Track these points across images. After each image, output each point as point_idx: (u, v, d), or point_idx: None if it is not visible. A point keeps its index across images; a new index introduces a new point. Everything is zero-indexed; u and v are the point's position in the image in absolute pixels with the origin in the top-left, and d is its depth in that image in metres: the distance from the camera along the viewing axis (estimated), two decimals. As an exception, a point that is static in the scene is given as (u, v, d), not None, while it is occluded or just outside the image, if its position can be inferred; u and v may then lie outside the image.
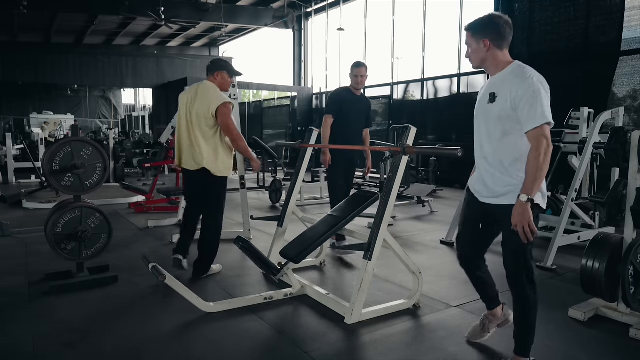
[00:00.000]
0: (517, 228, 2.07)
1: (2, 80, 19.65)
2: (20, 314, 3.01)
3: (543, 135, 2.03)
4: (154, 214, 6.51)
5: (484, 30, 2.21)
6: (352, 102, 4.66)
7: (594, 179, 5.36)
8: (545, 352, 2.56)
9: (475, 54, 2.26)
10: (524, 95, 2.07)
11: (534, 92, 2.06)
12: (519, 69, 2.18)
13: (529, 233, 2.04)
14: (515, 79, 2.13)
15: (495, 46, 2.20)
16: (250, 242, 3.93)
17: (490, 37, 2.19)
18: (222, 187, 3.77)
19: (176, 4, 14.80)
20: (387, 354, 2.47)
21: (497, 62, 2.23)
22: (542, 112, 2.04)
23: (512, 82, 2.14)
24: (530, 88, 2.07)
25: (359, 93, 4.79)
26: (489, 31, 2.20)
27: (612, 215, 3.13)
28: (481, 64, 2.28)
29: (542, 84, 2.09)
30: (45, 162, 3.38)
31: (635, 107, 7.21)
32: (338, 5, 14.84)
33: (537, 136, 2.04)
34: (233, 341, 2.68)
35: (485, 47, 2.21)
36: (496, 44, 2.20)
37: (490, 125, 2.24)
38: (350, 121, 4.64)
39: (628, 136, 3.06)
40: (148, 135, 14.56)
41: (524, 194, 2.04)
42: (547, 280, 3.83)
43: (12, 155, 10.40)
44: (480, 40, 2.21)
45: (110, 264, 3.83)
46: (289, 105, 16.74)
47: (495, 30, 2.19)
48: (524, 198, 2.03)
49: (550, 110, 2.08)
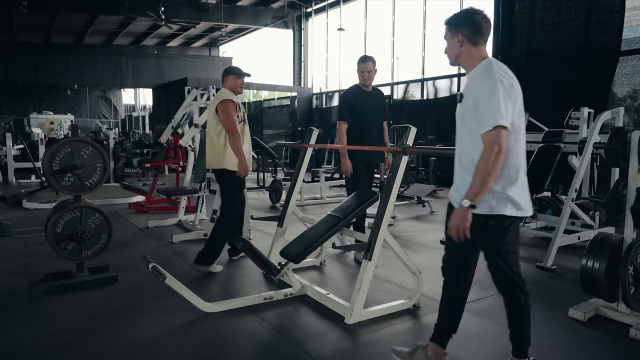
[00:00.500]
0: (451, 231, 2.02)
1: (2, 80, 19.65)
2: (20, 314, 3.01)
3: (495, 139, 1.91)
4: (154, 214, 6.52)
5: (459, 24, 2.11)
6: (365, 100, 4.41)
7: (594, 179, 5.36)
8: (545, 352, 2.56)
9: (450, 49, 2.17)
10: (482, 95, 1.98)
11: (490, 92, 1.94)
12: (487, 66, 2.06)
13: (462, 237, 2.00)
14: (480, 78, 2.05)
15: (469, 42, 2.09)
16: (250, 242, 3.94)
17: (464, 32, 2.09)
18: (230, 182, 3.92)
19: (176, 4, 14.81)
20: (387, 354, 2.47)
21: (471, 59, 2.12)
22: (493, 114, 1.91)
23: (477, 80, 2.06)
24: (489, 87, 1.96)
25: (370, 88, 4.51)
26: (464, 26, 2.09)
27: (612, 215, 3.13)
28: (456, 60, 2.18)
29: (502, 84, 1.95)
30: (45, 162, 3.38)
31: (635, 107, 7.21)
32: (338, 5, 14.85)
33: (489, 140, 1.93)
34: (233, 341, 2.68)
35: (459, 42, 2.10)
36: (471, 39, 2.09)
37: (460, 126, 2.19)
38: (366, 121, 4.38)
39: (628, 136, 3.05)
40: (148, 136, 14.57)
41: (466, 199, 1.96)
42: (547, 280, 3.83)
43: (12, 155, 10.40)
44: (455, 34, 2.11)
45: (110, 264, 3.83)
46: (289, 105, 16.75)
47: (470, 25, 2.09)
48: (465, 203, 1.95)
49: (507, 113, 1.94)
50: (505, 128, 1.94)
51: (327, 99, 15.89)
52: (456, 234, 2.00)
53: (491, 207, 2.04)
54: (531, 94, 9.76)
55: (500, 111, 1.92)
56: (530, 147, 5.41)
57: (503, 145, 1.92)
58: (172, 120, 7.16)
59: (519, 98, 2.05)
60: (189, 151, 6.14)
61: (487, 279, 3.83)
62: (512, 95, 1.99)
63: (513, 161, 2.05)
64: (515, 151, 2.05)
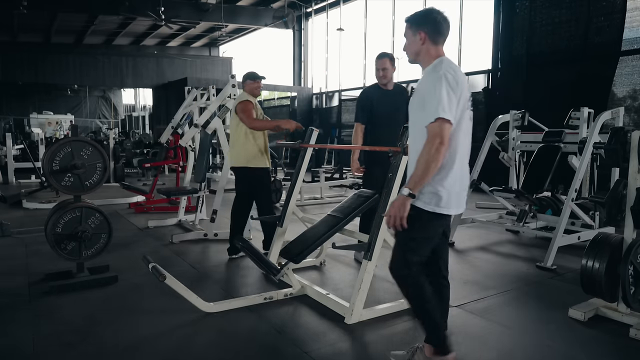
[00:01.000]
0: (389, 220, 2.05)
1: (2, 80, 19.64)
2: (20, 314, 3.01)
3: (437, 132, 1.97)
4: (154, 214, 6.52)
5: (421, 22, 2.17)
6: (383, 100, 4.16)
7: (594, 179, 5.36)
8: (545, 352, 2.57)
9: (410, 46, 2.21)
10: (428, 90, 2.06)
11: (434, 86, 2.02)
12: (437, 64, 2.14)
13: (399, 227, 2.03)
14: (428, 75, 2.13)
15: (430, 40, 2.15)
16: (250, 242, 3.94)
17: (427, 31, 2.15)
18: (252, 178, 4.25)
19: (176, 4, 14.80)
20: (387, 354, 2.47)
21: (428, 57, 2.18)
22: (436, 107, 1.98)
23: (426, 76, 2.14)
24: (434, 82, 2.04)
25: (391, 87, 4.24)
26: (426, 24, 2.16)
27: (612, 215, 3.13)
28: (415, 58, 2.22)
29: (447, 79, 2.02)
30: (45, 162, 3.38)
31: (635, 107, 7.21)
32: (338, 5, 14.83)
33: (431, 132, 1.99)
34: (233, 341, 2.68)
35: (421, 40, 2.16)
36: (432, 38, 2.15)
37: (410, 120, 2.26)
38: (383, 122, 4.14)
39: (628, 136, 3.05)
40: (148, 135, 14.56)
41: (406, 187, 2.02)
42: (547, 280, 3.83)
43: (12, 155, 10.40)
44: (417, 32, 2.16)
45: (110, 264, 3.83)
46: (289, 105, 16.74)
47: (432, 24, 2.15)
48: (405, 192, 2.01)
49: (451, 107, 2.00)
50: (448, 121, 1.99)
51: (327, 99, 15.88)
52: (393, 222, 2.04)
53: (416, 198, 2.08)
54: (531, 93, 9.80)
55: (442, 104, 1.98)
56: (530, 147, 5.43)
57: (445, 138, 1.98)
58: (172, 120, 7.16)
59: (464, 95, 2.10)
60: (189, 151, 6.14)
61: (487, 279, 3.85)
62: (456, 91, 2.04)
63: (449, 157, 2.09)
64: (452, 147, 2.09)
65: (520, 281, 3.77)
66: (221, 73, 21.18)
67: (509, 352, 2.59)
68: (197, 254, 4.58)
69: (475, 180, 5.09)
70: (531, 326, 2.93)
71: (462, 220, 5.12)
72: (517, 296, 3.45)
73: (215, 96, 6.35)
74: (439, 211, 2.11)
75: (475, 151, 5.30)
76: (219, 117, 5.29)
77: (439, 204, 2.10)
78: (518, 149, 5.59)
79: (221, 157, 10.63)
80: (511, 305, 3.28)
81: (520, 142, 5.53)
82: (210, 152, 7.59)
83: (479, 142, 5.76)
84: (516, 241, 5.22)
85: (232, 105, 4.38)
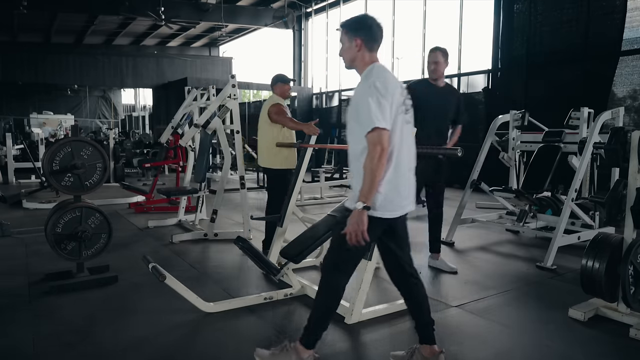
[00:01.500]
0: (350, 237, 2.03)
1: (2, 80, 19.63)
2: (20, 314, 3.01)
3: (376, 140, 1.98)
4: (154, 214, 6.52)
5: (357, 29, 2.18)
6: (429, 97, 3.83)
7: (594, 179, 5.36)
8: (545, 352, 2.57)
9: (346, 52, 2.21)
10: (361, 99, 2.06)
11: (365, 96, 2.03)
12: (368, 71, 2.14)
13: (361, 241, 2.02)
14: (361, 83, 2.14)
15: (366, 47, 2.16)
16: (250, 242, 3.94)
17: (362, 37, 2.16)
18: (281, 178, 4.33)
19: (176, 4, 14.80)
20: (387, 354, 2.47)
21: (363, 63, 2.19)
22: (370, 117, 1.99)
23: (359, 85, 2.15)
24: (365, 91, 2.04)
25: (442, 84, 4.00)
26: (362, 31, 2.17)
27: (612, 215, 3.13)
28: (351, 64, 2.23)
29: (376, 87, 2.02)
30: (45, 162, 3.38)
31: (635, 107, 7.21)
32: (338, 5, 14.83)
33: (371, 141, 2.00)
34: (233, 341, 2.68)
35: (357, 47, 2.16)
36: (368, 45, 2.16)
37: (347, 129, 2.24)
38: (426, 120, 3.60)
39: (628, 136, 3.05)
40: (148, 135, 14.56)
41: (360, 201, 2.00)
42: (547, 280, 3.83)
43: (12, 155, 10.40)
44: (354, 39, 2.17)
45: (110, 264, 3.83)
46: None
47: (368, 31, 2.17)
48: (359, 205, 2.00)
49: (384, 114, 2.01)
50: (385, 129, 2.01)
51: (327, 99, 15.89)
52: (355, 239, 2.02)
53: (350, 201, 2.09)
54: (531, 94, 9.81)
55: (375, 113, 2.00)
56: (530, 147, 5.43)
57: (385, 145, 2.00)
58: (172, 120, 7.16)
59: (396, 99, 2.09)
60: (189, 151, 6.14)
61: (487, 279, 3.85)
62: (387, 97, 2.04)
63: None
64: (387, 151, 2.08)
65: (520, 281, 3.77)
66: (221, 73, 21.18)
67: (508, 351, 2.59)
68: (197, 254, 4.58)
69: (475, 180, 5.10)
70: (531, 326, 2.93)
71: (462, 220, 5.12)
72: (517, 296, 3.46)
73: (215, 96, 6.35)
74: (374, 214, 2.09)
75: (476, 151, 5.34)
76: (219, 117, 5.29)
77: (374, 207, 2.08)
78: (518, 149, 5.60)
79: (221, 157, 10.64)
80: (511, 305, 3.28)
81: (520, 142, 5.53)
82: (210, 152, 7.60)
83: (479, 142, 5.77)
84: (516, 241, 5.23)
85: (263, 108, 4.40)
